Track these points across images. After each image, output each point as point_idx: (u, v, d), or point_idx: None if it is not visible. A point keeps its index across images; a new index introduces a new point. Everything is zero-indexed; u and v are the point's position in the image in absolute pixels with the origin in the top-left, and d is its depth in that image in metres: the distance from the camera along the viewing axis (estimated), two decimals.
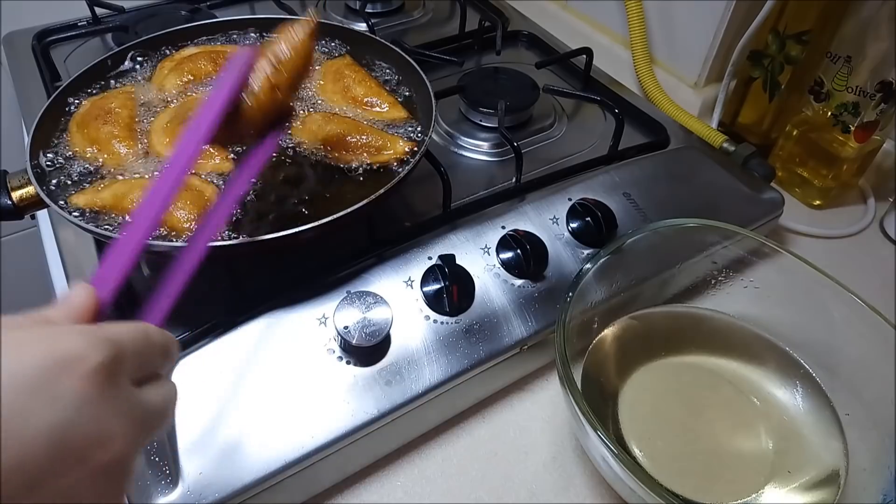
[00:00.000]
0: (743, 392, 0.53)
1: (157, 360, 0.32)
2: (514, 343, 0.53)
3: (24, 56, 0.80)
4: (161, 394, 0.32)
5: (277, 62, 0.45)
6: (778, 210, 0.68)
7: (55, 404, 0.25)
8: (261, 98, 0.44)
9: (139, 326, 0.31)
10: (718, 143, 0.73)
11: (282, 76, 0.45)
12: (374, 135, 0.57)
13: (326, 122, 0.58)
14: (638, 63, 0.84)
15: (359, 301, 0.49)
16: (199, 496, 0.42)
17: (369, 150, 0.56)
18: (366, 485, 0.51)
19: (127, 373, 0.29)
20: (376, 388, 0.48)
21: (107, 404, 0.27)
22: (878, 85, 0.67)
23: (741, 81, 0.81)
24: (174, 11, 0.85)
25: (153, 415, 0.30)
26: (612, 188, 0.63)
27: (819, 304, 0.53)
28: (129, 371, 0.29)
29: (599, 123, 0.75)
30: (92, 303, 0.31)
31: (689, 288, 0.60)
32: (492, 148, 0.70)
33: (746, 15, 0.76)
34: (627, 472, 0.41)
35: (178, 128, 0.56)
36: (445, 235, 0.56)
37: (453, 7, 0.95)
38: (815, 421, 0.51)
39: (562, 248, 0.58)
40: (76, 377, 0.26)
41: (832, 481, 0.47)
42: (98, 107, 0.57)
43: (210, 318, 0.49)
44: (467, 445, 0.54)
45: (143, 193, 0.50)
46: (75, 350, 0.26)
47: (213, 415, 0.45)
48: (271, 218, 0.51)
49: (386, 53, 0.66)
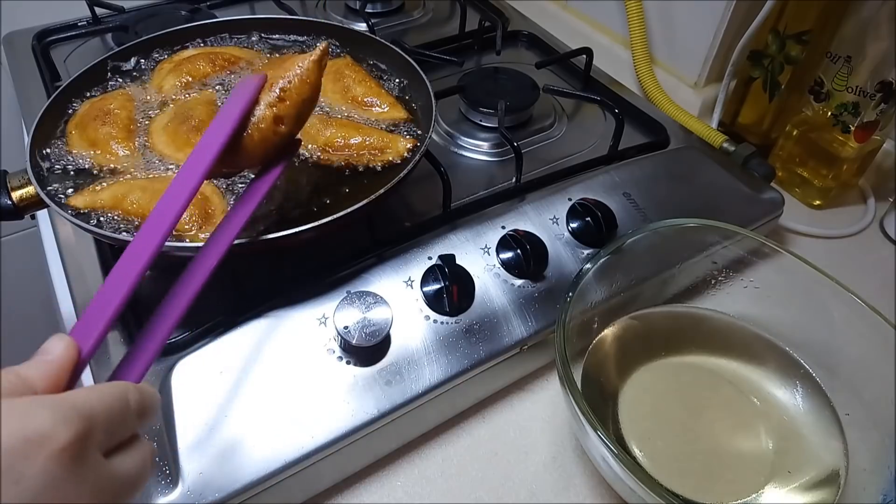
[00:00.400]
0: (743, 392, 0.53)
1: (133, 424, 0.31)
2: (514, 343, 0.53)
3: (24, 56, 0.80)
4: (134, 461, 0.30)
5: (283, 93, 0.43)
6: (778, 210, 0.68)
7: (19, 486, 0.24)
8: (263, 130, 0.43)
9: (115, 391, 0.30)
10: (718, 143, 0.73)
11: (286, 108, 0.44)
12: (375, 135, 0.57)
13: (324, 125, 0.57)
14: (638, 63, 0.84)
15: (359, 301, 0.49)
16: (199, 496, 0.42)
17: (370, 151, 0.56)
18: (366, 485, 0.51)
19: (97, 446, 0.28)
20: (376, 388, 0.48)
21: (74, 482, 0.26)
22: (878, 85, 0.67)
23: (741, 81, 0.81)
24: (174, 11, 0.85)
25: (125, 485, 0.29)
26: (612, 188, 0.63)
27: (819, 304, 0.53)
28: (99, 443, 0.28)
29: (599, 123, 0.75)
30: (71, 358, 0.30)
31: (689, 288, 0.60)
32: (492, 148, 0.70)
33: (746, 15, 0.76)
34: (627, 472, 0.41)
35: (179, 128, 0.56)
36: (445, 235, 0.56)
37: (453, 7, 0.95)
38: (815, 421, 0.51)
39: (562, 248, 0.58)
40: (43, 457, 0.25)
41: (832, 481, 0.47)
42: (97, 108, 0.57)
43: (210, 318, 0.49)
44: (467, 445, 0.54)
45: (137, 230, 0.50)
46: (43, 428, 0.25)
47: (213, 415, 0.45)
48: (272, 220, 0.51)
49: (386, 53, 0.66)
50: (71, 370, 0.30)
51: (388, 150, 0.56)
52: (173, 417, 0.44)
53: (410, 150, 0.56)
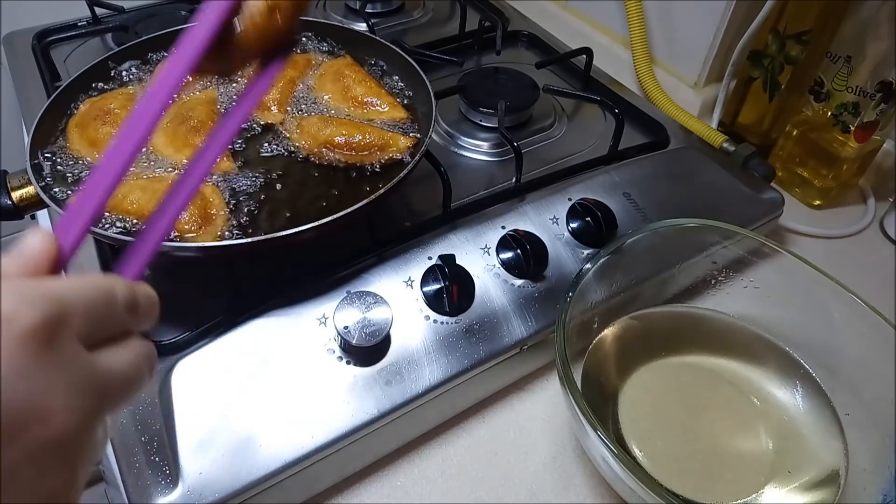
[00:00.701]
0: (743, 392, 0.53)
1: (124, 319, 0.28)
2: (514, 343, 0.53)
3: (24, 56, 0.80)
4: (125, 357, 0.27)
5: None
6: (778, 210, 0.68)
7: None
8: (258, 22, 0.40)
9: (97, 281, 0.27)
10: (718, 143, 0.73)
11: None
12: (375, 133, 0.57)
13: (325, 124, 0.57)
14: (638, 63, 0.84)
15: (359, 301, 0.49)
16: (199, 496, 0.42)
17: (371, 150, 0.56)
18: (366, 485, 0.51)
19: (74, 335, 0.25)
20: (376, 388, 0.48)
21: (44, 371, 0.23)
22: (878, 85, 0.67)
23: (741, 81, 0.81)
24: (174, 11, 0.85)
25: (113, 382, 0.26)
26: (612, 188, 0.63)
27: (819, 304, 0.53)
28: (77, 333, 0.25)
29: (599, 123, 0.75)
30: (48, 251, 0.27)
31: (689, 288, 0.60)
32: (492, 148, 0.70)
33: (746, 15, 0.76)
34: (627, 472, 0.41)
35: (178, 128, 0.56)
36: (445, 235, 0.56)
37: (453, 7, 0.95)
38: (815, 421, 0.51)
39: (562, 248, 0.58)
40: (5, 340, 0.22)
41: (832, 481, 0.47)
42: (97, 107, 0.57)
43: (210, 318, 0.49)
44: (467, 445, 0.54)
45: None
46: (5, 310, 0.23)
47: (214, 415, 0.45)
48: (272, 221, 0.51)
49: (386, 53, 0.66)
50: (50, 264, 0.27)
51: (390, 148, 0.56)
52: (173, 417, 0.44)
53: (411, 147, 0.56)
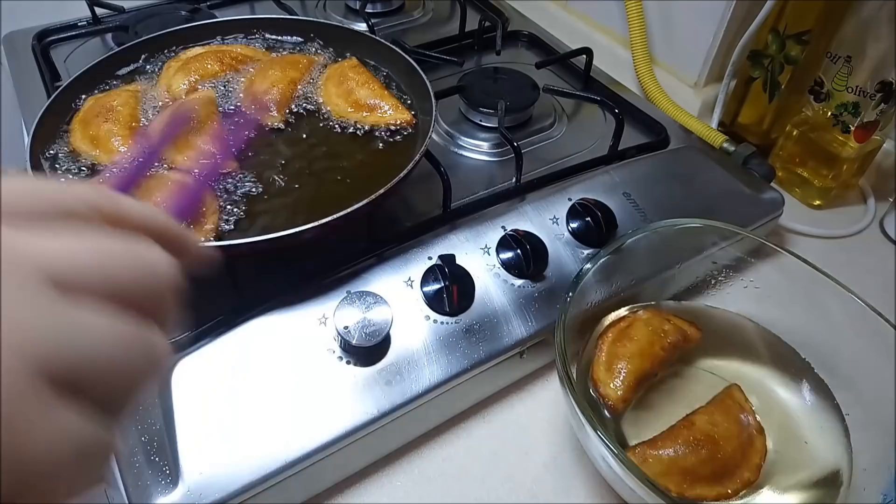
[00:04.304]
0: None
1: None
2: (514, 343, 0.53)
3: (24, 56, 0.80)
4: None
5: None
6: (778, 210, 0.68)
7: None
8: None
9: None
10: (718, 143, 0.73)
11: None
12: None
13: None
14: (638, 63, 0.84)
15: (359, 301, 0.49)
16: (199, 496, 0.42)
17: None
18: (366, 485, 0.51)
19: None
20: (376, 388, 0.48)
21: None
22: (878, 85, 0.67)
23: (741, 81, 0.81)
24: (174, 11, 0.85)
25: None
26: (612, 188, 0.63)
27: (819, 304, 0.53)
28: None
29: (599, 123, 0.75)
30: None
31: (689, 288, 0.60)
32: (492, 148, 0.70)
33: (746, 15, 0.76)
34: (627, 472, 0.41)
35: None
36: (445, 235, 0.56)
37: (453, 7, 0.95)
38: (816, 420, 0.51)
39: (562, 248, 0.58)
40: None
41: (832, 481, 0.47)
42: (100, 104, 0.57)
43: (210, 318, 0.49)
44: (467, 445, 0.54)
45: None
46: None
47: (213, 415, 0.45)
48: (272, 221, 0.51)
49: (386, 53, 0.66)
50: None
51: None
52: (173, 417, 0.44)
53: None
